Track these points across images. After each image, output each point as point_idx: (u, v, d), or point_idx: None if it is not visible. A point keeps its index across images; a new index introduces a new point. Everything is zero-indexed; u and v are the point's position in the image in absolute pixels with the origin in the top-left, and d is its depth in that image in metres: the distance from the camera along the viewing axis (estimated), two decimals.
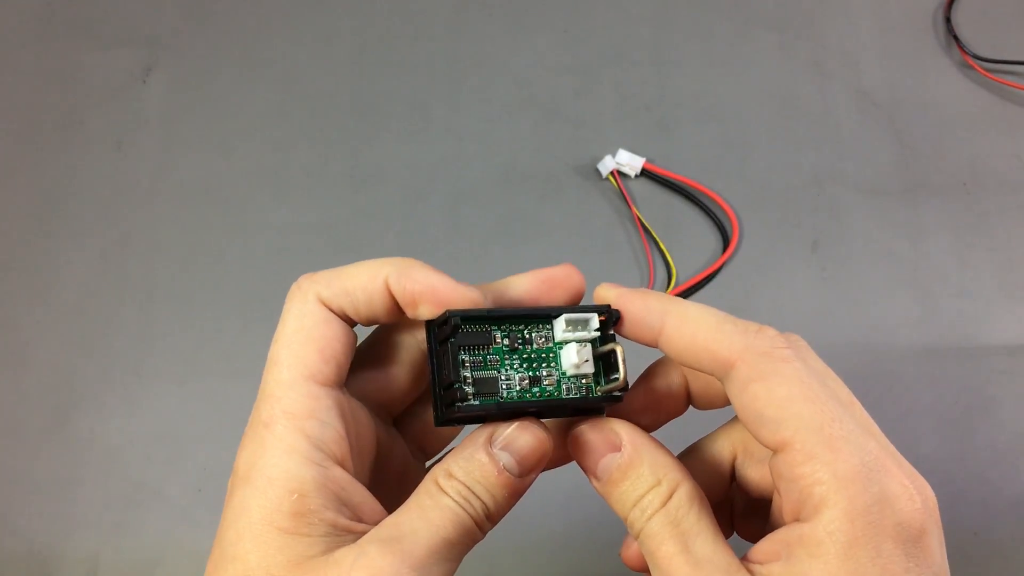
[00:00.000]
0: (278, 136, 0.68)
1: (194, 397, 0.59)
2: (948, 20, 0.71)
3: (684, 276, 0.62)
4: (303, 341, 0.28)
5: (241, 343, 0.61)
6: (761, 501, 0.32)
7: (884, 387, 0.58)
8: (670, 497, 0.27)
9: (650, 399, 0.32)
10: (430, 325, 0.29)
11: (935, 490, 0.28)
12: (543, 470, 0.30)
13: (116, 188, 0.66)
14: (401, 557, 0.26)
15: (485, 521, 0.28)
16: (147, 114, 0.69)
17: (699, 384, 0.32)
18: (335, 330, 0.29)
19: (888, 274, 0.62)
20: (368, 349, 0.33)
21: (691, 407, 0.33)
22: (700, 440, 0.34)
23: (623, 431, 0.29)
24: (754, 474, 0.32)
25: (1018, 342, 0.60)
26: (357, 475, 0.29)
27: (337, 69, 0.71)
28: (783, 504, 0.27)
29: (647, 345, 0.30)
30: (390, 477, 0.32)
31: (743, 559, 0.27)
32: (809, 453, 0.26)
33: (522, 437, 0.28)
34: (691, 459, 0.33)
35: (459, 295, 0.29)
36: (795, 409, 0.26)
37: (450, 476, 0.27)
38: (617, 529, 0.34)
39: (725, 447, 0.33)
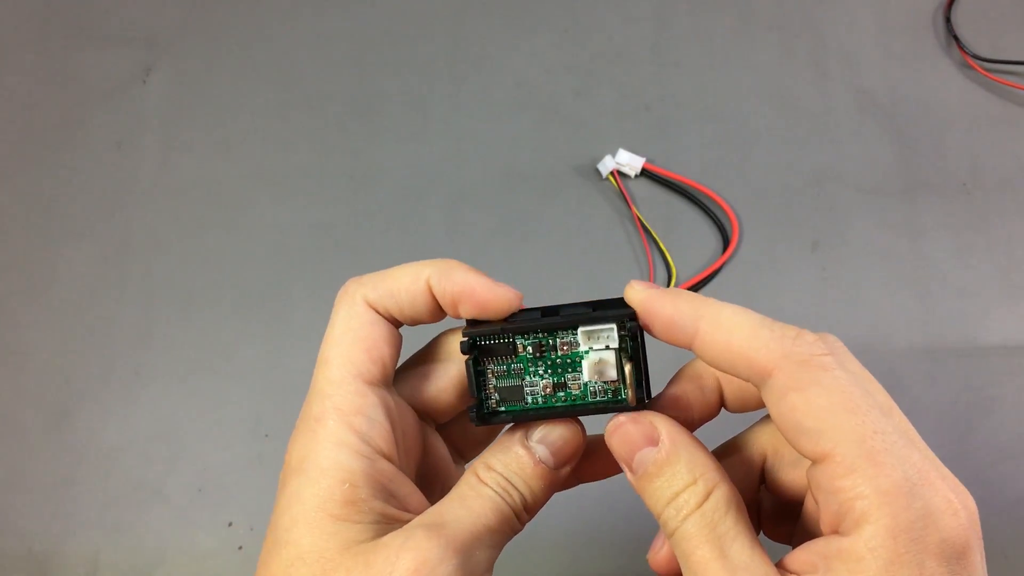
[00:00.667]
0: (278, 136, 0.68)
1: (194, 397, 0.59)
2: (948, 20, 0.71)
3: (684, 276, 0.62)
4: (351, 341, 0.30)
5: (241, 343, 0.61)
6: (791, 504, 0.31)
7: (884, 387, 0.58)
8: (707, 498, 0.27)
9: (682, 401, 0.31)
10: (467, 329, 0.30)
11: None
12: (591, 479, 0.31)
13: (116, 188, 0.66)
14: (445, 541, 0.27)
15: (523, 512, 0.29)
16: (147, 114, 0.69)
17: (733, 388, 0.31)
18: (381, 331, 0.30)
19: (888, 274, 0.62)
20: (423, 356, 0.33)
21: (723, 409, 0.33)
22: (731, 439, 0.33)
23: (662, 425, 0.29)
24: (785, 477, 0.31)
25: (1018, 342, 0.60)
26: (402, 470, 0.30)
27: (337, 69, 0.71)
28: (821, 515, 0.27)
29: (682, 347, 0.30)
30: (432, 476, 0.33)
31: (778, 565, 0.27)
32: (850, 466, 0.25)
33: (556, 430, 0.29)
34: (721, 459, 0.32)
35: (495, 295, 0.29)
36: (835, 421, 0.26)
37: (489, 468, 0.29)
38: (619, 532, 0.34)
39: (756, 448, 0.32)
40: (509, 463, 0.29)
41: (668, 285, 0.62)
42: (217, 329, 0.62)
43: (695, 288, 0.62)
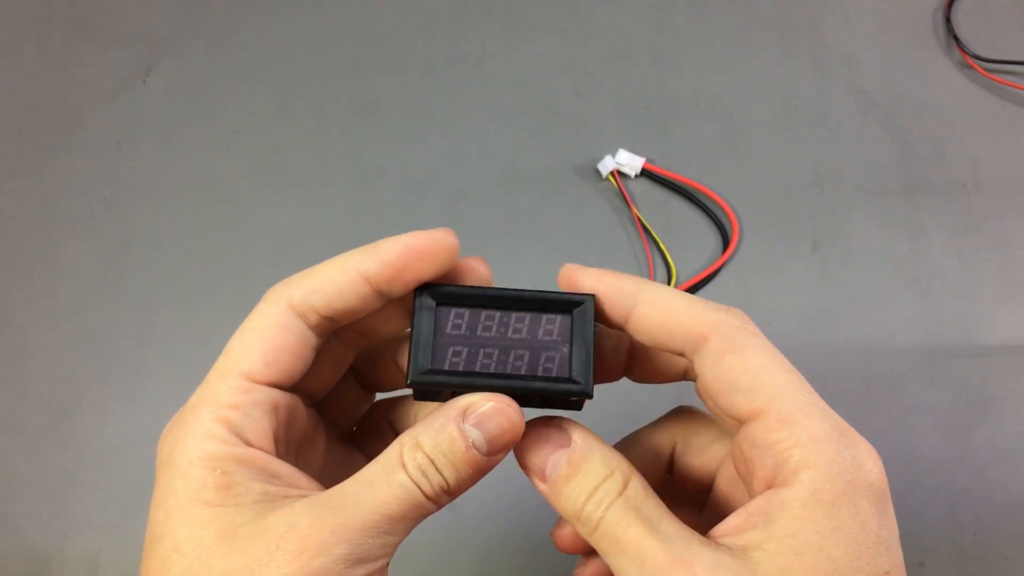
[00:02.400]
0: (278, 136, 0.68)
1: None
2: (948, 20, 0.71)
3: (684, 276, 0.62)
4: (252, 340, 0.29)
5: None
6: (696, 492, 0.33)
7: (884, 387, 0.58)
8: (626, 486, 0.28)
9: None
10: (418, 290, 0.30)
11: (935, 490, 0.28)
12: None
13: (116, 188, 0.66)
14: (332, 529, 0.26)
15: (442, 495, 0.28)
16: (147, 114, 0.69)
17: (645, 356, 0.32)
18: (289, 336, 0.29)
19: (888, 274, 0.62)
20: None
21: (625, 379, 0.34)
22: (638, 431, 0.34)
23: (569, 425, 0.29)
24: (695, 462, 0.33)
25: (1018, 342, 0.60)
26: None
27: (337, 69, 0.71)
28: (754, 474, 0.27)
29: (615, 327, 0.31)
30: (317, 464, 0.33)
31: (708, 537, 0.27)
32: (785, 418, 0.26)
33: (495, 418, 0.28)
34: (629, 450, 0.33)
35: (434, 241, 0.29)
36: (769, 378, 0.27)
37: (417, 447, 0.27)
38: None
39: (665, 438, 0.33)
40: (440, 443, 0.27)
41: (668, 285, 0.62)
42: (217, 329, 0.61)
43: (696, 288, 0.62)
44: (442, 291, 0.30)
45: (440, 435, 0.27)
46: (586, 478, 0.28)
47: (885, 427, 0.57)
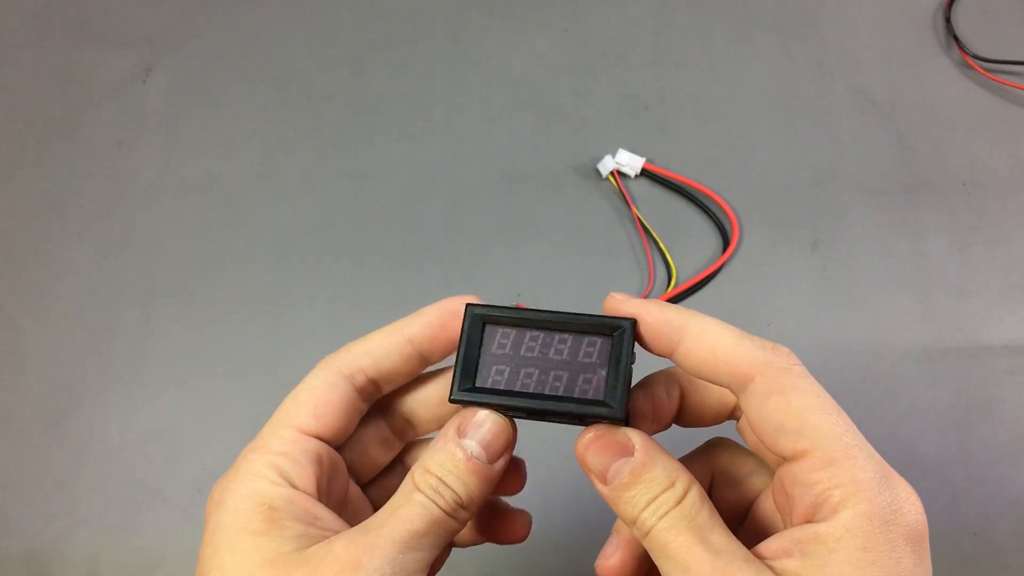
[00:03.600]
0: (278, 136, 0.68)
1: (194, 397, 0.59)
2: (948, 20, 0.71)
3: (684, 276, 0.62)
4: (303, 398, 0.32)
5: (241, 343, 0.61)
6: (730, 522, 0.33)
7: (884, 387, 0.58)
8: (684, 496, 0.28)
9: (646, 409, 0.33)
10: (468, 308, 0.32)
11: (935, 490, 0.29)
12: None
13: (116, 188, 0.66)
14: (364, 548, 0.28)
15: (459, 509, 0.30)
16: (147, 114, 0.69)
17: (693, 401, 0.34)
18: (337, 394, 0.32)
19: (888, 274, 0.62)
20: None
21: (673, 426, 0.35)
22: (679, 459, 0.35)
23: (634, 436, 0.30)
24: (730, 494, 0.34)
25: (1018, 342, 0.60)
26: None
27: (337, 69, 0.71)
28: (794, 508, 0.28)
29: (661, 356, 0.31)
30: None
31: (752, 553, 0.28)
32: (829, 460, 0.27)
33: (485, 425, 0.30)
34: None
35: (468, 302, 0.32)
36: (814, 420, 0.28)
37: (426, 471, 0.30)
38: None
39: (703, 468, 0.34)
40: (444, 462, 0.30)
41: (668, 285, 0.62)
42: (217, 329, 0.62)
43: (696, 288, 0.62)
44: (490, 312, 0.31)
45: (442, 454, 0.30)
46: (647, 487, 0.29)
47: (885, 427, 0.57)
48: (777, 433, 0.28)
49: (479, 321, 0.31)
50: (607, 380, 0.30)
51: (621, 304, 0.31)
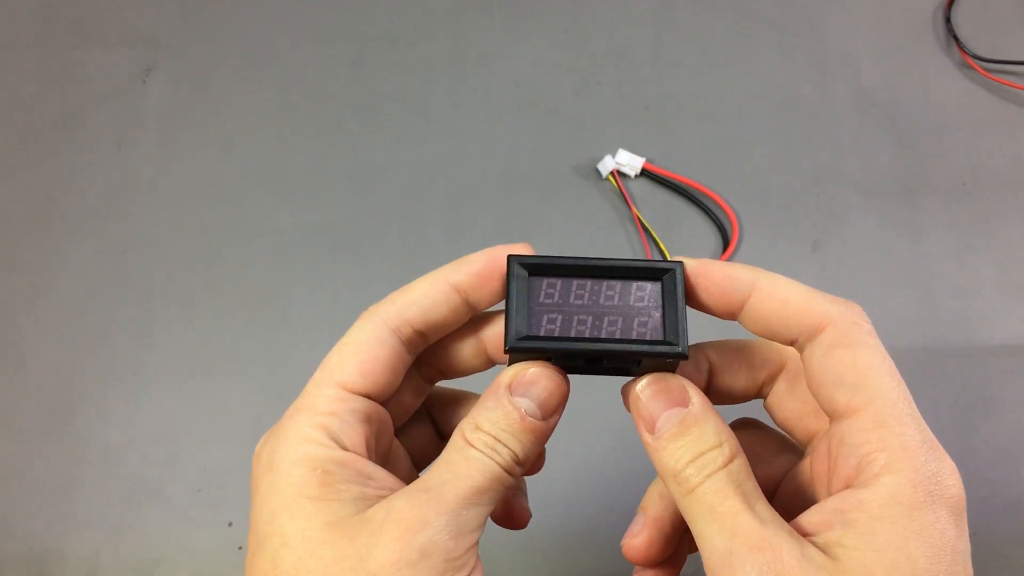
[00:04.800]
0: (278, 136, 0.68)
1: (194, 397, 0.59)
2: (948, 20, 0.71)
3: None
4: (348, 354, 0.31)
5: (241, 343, 0.61)
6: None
7: None
8: (732, 460, 0.28)
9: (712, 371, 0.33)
10: (511, 260, 0.31)
11: None
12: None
13: (116, 188, 0.66)
14: (430, 505, 0.27)
15: (515, 466, 0.29)
16: (147, 114, 0.69)
17: (723, 377, 0.33)
18: (384, 350, 0.31)
19: (888, 274, 0.62)
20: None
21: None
22: None
23: (692, 389, 0.29)
24: (757, 474, 0.32)
25: (1018, 342, 0.60)
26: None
27: (337, 69, 0.71)
28: (836, 471, 0.28)
29: (723, 316, 0.31)
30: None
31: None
32: (880, 421, 0.27)
33: (539, 383, 0.29)
34: None
35: (518, 249, 0.31)
36: (876, 380, 0.28)
37: (477, 428, 0.29)
38: (616, 529, 0.34)
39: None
40: (497, 420, 0.29)
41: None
42: (217, 329, 0.61)
43: None
44: (534, 262, 0.30)
45: (495, 413, 0.29)
46: (695, 441, 0.28)
47: None
48: (836, 386, 0.28)
49: (524, 270, 0.30)
50: (664, 320, 0.30)
51: (686, 261, 0.31)
